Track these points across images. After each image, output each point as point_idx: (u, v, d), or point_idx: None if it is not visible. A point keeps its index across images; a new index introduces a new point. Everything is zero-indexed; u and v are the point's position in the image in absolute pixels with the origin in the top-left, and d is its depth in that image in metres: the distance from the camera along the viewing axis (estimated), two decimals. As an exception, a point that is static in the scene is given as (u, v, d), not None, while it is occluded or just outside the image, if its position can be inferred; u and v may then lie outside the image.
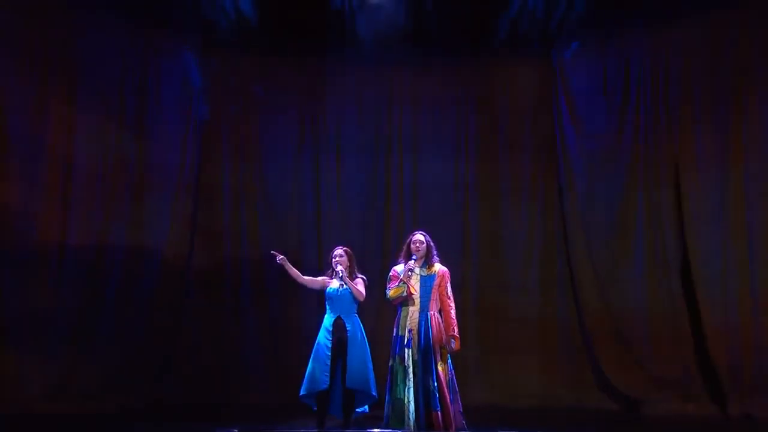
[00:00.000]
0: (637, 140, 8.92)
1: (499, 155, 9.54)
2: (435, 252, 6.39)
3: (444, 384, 6.09)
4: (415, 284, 6.27)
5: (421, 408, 6.02)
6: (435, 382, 6.05)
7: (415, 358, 6.11)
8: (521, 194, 9.46)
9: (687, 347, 8.33)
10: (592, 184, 9.12)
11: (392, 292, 6.26)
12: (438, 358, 6.14)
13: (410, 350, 6.14)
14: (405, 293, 6.22)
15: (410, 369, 6.09)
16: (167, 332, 8.82)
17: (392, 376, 6.15)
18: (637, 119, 8.95)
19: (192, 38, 9.19)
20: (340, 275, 6.35)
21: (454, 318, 6.25)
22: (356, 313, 6.40)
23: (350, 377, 6.20)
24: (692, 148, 8.52)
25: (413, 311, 6.22)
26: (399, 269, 6.34)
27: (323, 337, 6.31)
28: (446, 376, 6.15)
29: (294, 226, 9.43)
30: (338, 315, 6.35)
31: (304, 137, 9.58)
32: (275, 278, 8.61)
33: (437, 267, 6.35)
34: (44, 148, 8.17)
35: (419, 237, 6.35)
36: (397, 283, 6.25)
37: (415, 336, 6.17)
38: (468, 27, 9.27)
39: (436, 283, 6.28)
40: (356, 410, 6.35)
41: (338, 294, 6.37)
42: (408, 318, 6.22)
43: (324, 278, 6.52)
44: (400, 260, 6.40)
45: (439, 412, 6.00)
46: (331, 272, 6.48)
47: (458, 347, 6.23)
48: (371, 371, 6.29)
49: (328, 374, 6.19)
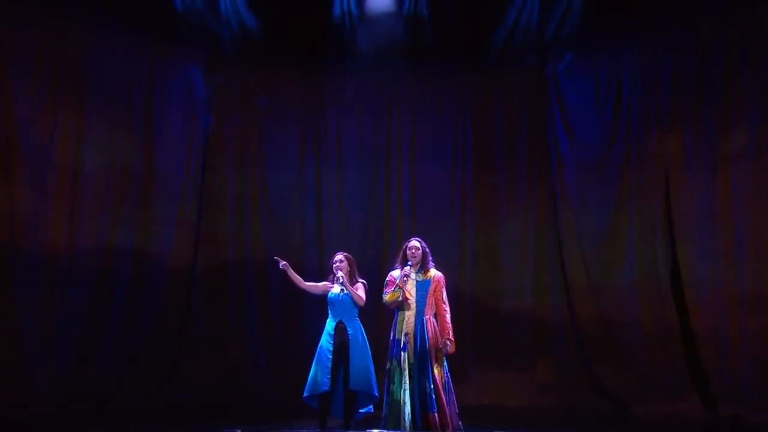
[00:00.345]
0: (629, 150, 8.95)
1: (495, 164, 9.56)
2: (430, 258, 6.38)
3: (440, 386, 6.08)
4: (411, 289, 6.26)
5: (418, 409, 5.99)
6: (431, 384, 6.04)
7: (412, 361, 6.09)
8: (516, 202, 9.48)
9: (677, 350, 8.35)
10: (585, 193, 9.15)
11: (388, 297, 6.26)
12: (434, 361, 6.13)
13: (407, 353, 6.11)
14: (401, 297, 6.22)
15: (406, 371, 6.06)
16: (173, 335, 8.84)
17: (389, 379, 6.14)
18: (629, 129, 8.98)
19: (197, 51, 9.26)
20: (341, 281, 6.34)
21: (449, 322, 6.23)
22: (357, 317, 6.38)
23: (353, 379, 6.19)
24: (681, 158, 8.55)
25: (409, 315, 6.22)
26: (395, 274, 6.32)
27: (325, 341, 6.32)
28: (442, 378, 6.14)
29: (296, 233, 9.44)
30: (340, 319, 6.34)
31: (306, 146, 9.60)
32: (278, 283, 8.60)
33: (433, 272, 6.34)
34: (54, 158, 8.23)
35: (415, 243, 6.35)
36: (393, 288, 6.25)
37: (412, 339, 6.16)
38: (464, 40, 9.32)
39: (432, 288, 6.27)
40: (360, 411, 6.33)
41: (339, 299, 6.36)
42: (404, 322, 6.21)
43: (325, 283, 6.52)
44: (397, 265, 6.39)
45: (436, 413, 5.98)
46: (332, 277, 6.46)
47: (453, 350, 6.21)
48: (373, 373, 6.27)
49: (330, 377, 6.19)
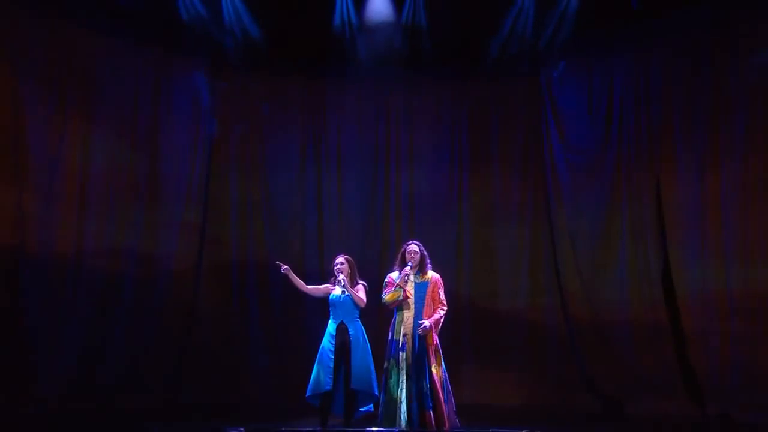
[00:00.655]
0: (621, 155, 8.98)
1: (491, 168, 9.58)
2: (428, 260, 6.45)
3: (438, 385, 6.13)
4: (410, 290, 6.32)
5: (414, 408, 6.04)
6: (428, 383, 6.08)
7: (409, 362, 6.15)
8: (511, 205, 9.49)
9: (667, 350, 8.36)
10: (578, 196, 9.18)
11: (389, 296, 6.31)
12: (432, 361, 6.17)
13: (404, 353, 6.17)
14: (401, 297, 6.27)
15: (404, 371, 6.13)
16: (178, 335, 8.84)
17: (387, 378, 6.19)
18: (621, 135, 9.01)
19: (201, 60, 9.27)
20: (342, 284, 6.38)
21: (442, 315, 6.24)
22: (358, 318, 6.42)
23: (354, 378, 6.24)
24: (672, 163, 8.58)
25: (408, 316, 6.26)
26: (394, 276, 6.37)
27: (327, 342, 6.35)
28: (440, 378, 6.19)
29: (297, 235, 9.45)
30: (341, 320, 6.38)
31: (307, 152, 9.61)
32: (280, 285, 8.52)
33: (430, 274, 6.40)
34: (63, 163, 8.23)
35: (414, 247, 6.40)
36: (394, 288, 6.29)
37: (410, 340, 6.21)
38: (461, 48, 9.35)
39: (430, 290, 6.32)
40: (360, 409, 6.36)
41: (340, 300, 6.39)
42: (403, 323, 6.26)
43: (327, 286, 6.55)
44: (395, 268, 6.45)
45: (432, 412, 6.03)
46: (334, 280, 6.49)
47: (426, 333, 6.12)
48: (373, 372, 6.32)
49: (332, 377, 6.23)
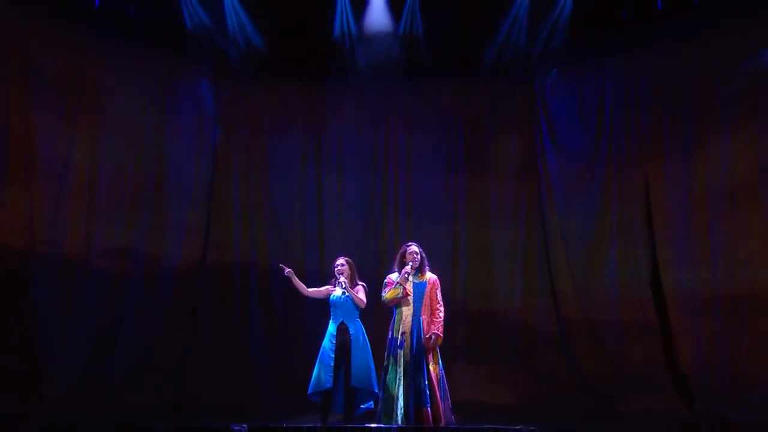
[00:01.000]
0: (611, 160, 9.02)
1: (486, 172, 9.59)
2: (426, 261, 6.51)
3: (435, 382, 6.17)
4: (409, 289, 6.36)
5: (411, 404, 6.07)
6: (425, 381, 6.12)
7: (407, 359, 6.20)
8: (506, 209, 9.50)
9: (657, 349, 8.39)
10: (570, 200, 9.21)
11: (389, 294, 6.36)
12: (430, 359, 6.22)
13: (403, 351, 6.22)
14: (400, 295, 6.32)
15: (402, 368, 6.18)
16: (183, 335, 8.86)
17: (386, 375, 6.24)
18: (611, 141, 9.05)
19: (206, 68, 9.31)
20: (343, 285, 6.42)
21: (441, 319, 6.30)
22: (358, 318, 6.45)
23: (355, 377, 6.28)
24: (660, 168, 8.63)
25: (407, 315, 6.32)
26: (393, 277, 6.42)
27: (328, 342, 6.40)
28: (438, 376, 6.23)
29: (298, 238, 9.45)
30: (342, 320, 6.42)
31: (308, 156, 9.61)
32: (281, 285, 8.45)
33: (428, 275, 6.46)
34: (72, 168, 8.25)
35: (414, 248, 6.46)
36: (394, 286, 6.35)
37: (408, 338, 6.25)
38: (457, 57, 9.40)
39: (428, 290, 6.38)
40: (361, 406, 6.40)
41: (341, 301, 6.43)
42: (402, 321, 6.31)
43: (327, 287, 6.58)
44: (395, 268, 6.49)
45: (429, 408, 6.07)
46: (334, 281, 6.52)
47: (438, 343, 6.26)
48: (373, 371, 6.36)
49: (332, 375, 6.28)
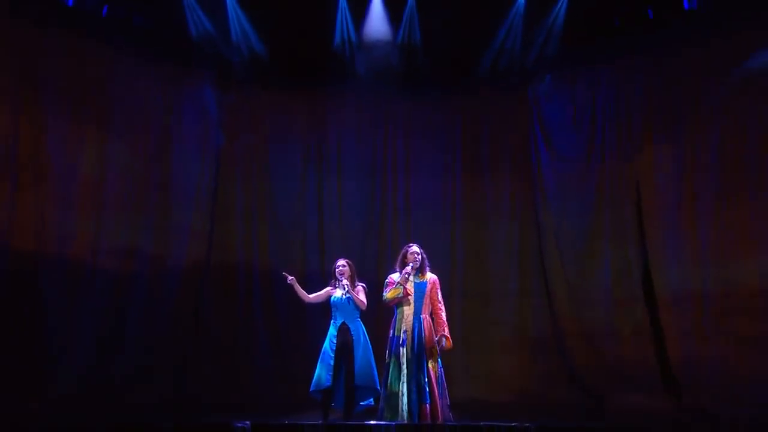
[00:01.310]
0: (603, 163, 9.06)
1: (482, 176, 9.65)
2: (427, 262, 6.55)
3: (434, 380, 6.22)
4: (410, 288, 6.40)
5: (414, 401, 6.13)
6: (426, 378, 6.18)
7: (409, 357, 6.24)
8: (502, 211, 9.55)
9: (648, 347, 8.42)
10: (564, 202, 9.25)
11: (389, 294, 6.40)
12: (429, 357, 6.27)
13: (405, 349, 6.25)
14: (401, 294, 6.36)
15: (404, 366, 6.22)
16: (187, 334, 8.88)
17: (388, 373, 6.28)
18: (603, 145, 9.09)
19: (210, 75, 9.33)
20: (346, 289, 6.46)
21: (445, 320, 6.38)
22: (359, 318, 6.52)
23: (357, 375, 6.33)
24: (651, 171, 8.67)
25: (408, 314, 6.35)
26: (395, 277, 6.45)
27: (329, 342, 6.46)
28: (436, 373, 6.28)
29: (300, 240, 9.48)
30: (343, 321, 6.48)
31: (309, 160, 9.65)
32: (283, 286, 8.38)
33: (429, 275, 6.50)
34: (80, 173, 8.29)
35: (415, 249, 6.50)
36: (395, 286, 6.39)
37: (410, 336, 6.29)
38: (454, 64, 9.45)
39: (428, 289, 6.42)
40: (361, 403, 6.45)
41: (342, 302, 6.48)
42: (403, 320, 6.34)
43: (328, 289, 6.63)
44: (396, 268, 6.52)
45: (428, 405, 6.13)
46: (335, 282, 6.57)
47: (450, 345, 6.37)
48: (375, 368, 6.43)
49: (332, 374, 6.34)
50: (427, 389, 6.17)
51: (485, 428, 6.17)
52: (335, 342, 6.44)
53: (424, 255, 6.54)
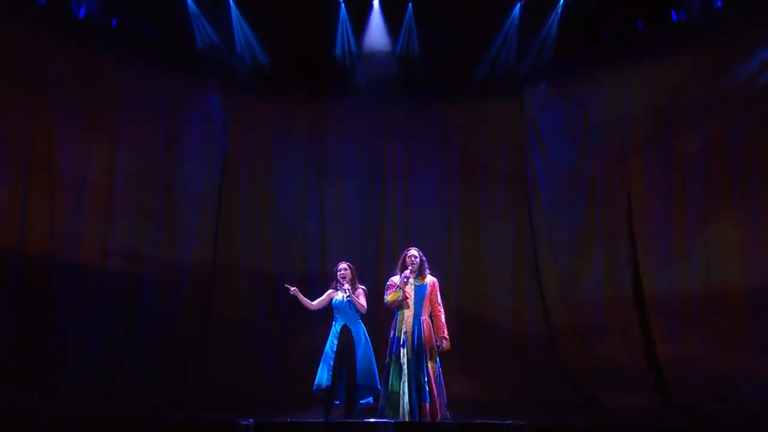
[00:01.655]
0: (595, 170, 9.16)
1: (478, 181, 9.70)
2: (426, 265, 6.57)
3: (433, 379, 6.25)
4: (410, 292, 6.43)
5: (414, 400, 6.16)
6: (425, 377, 6.21)
7: (410, 357, 6.26)
8: (497, 215, 9.60)
9: (638, 347, 8.49)
10: (557, 208, 9.33)
11: (390, 297, 6.41)
12: (428, 357, 6.32)
13: (405, 349, 6.27)
14: (401, 297, 6.37)
15: (405, 366, 6.24)
16: (193, 334, 8.90)
17: (388, 372, 6.30)
18: (596, 151, 9.19)
19: (215, 84, 9.41)
20: (347, 294, 6.48)
21: (444, 322, 6.40)
22: (360, 320, 6.54)
23: (359, 374, 6.37)
24: (641, 177, 8.79)
25: (408, 315, 6.38)
26: (395, 279, 6.46)
27: (330, 343, 6.50)
28: (435, 373, 6.31)
29: (301, 243, 9.52)
30: (344, 323, 6.51)
31: (310, 166, 9.70)
32: (285, 288, 8.75)
33: (428, 278, 6.51)
34: (89, 179, 8.39)
35: (414, 252, 6.51)
36: (394, 289, 6.41)
37: (410, 337, 6.31)
38: (451, 73, 9.53)
39: (428, 292, 6.44)
40: (361, 402, 6.47)
41: (343, 304, 6.50)
42: (403, 322, 6.36)
43: (329, 292, 6.65)
44: (396, 272, 6.53)
45: (428, 404, 6.17)
46: (335, 284, 6.61)
47: (449, 347, 6.41)
48: (375, 368, 6.46)
49: (333, 374, 6.37)
50: (427, 388, 6.20)
51: (481, 426, 6.18)
52: (336, 344, 6.50)
53: (424, 258, 6.59)
